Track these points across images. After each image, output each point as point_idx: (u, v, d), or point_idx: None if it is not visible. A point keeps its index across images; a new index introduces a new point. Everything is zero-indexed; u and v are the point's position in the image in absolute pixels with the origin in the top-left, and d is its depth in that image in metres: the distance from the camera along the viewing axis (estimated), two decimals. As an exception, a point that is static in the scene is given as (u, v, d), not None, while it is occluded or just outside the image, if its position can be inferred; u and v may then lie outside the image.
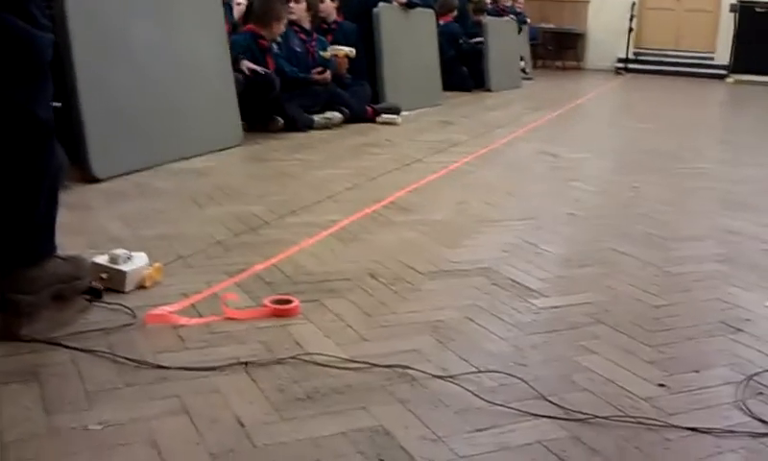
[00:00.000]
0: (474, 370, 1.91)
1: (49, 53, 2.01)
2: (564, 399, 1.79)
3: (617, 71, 15.26)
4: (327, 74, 6.09)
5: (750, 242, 3.32)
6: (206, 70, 4.85)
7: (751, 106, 10.37)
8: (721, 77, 14.48)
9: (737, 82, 14.09)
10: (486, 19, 10.04)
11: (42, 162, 2.02)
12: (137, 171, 3.99)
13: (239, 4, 6.22)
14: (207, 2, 4.95)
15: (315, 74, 6.03)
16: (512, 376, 1.89)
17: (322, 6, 6.61)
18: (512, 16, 11.68)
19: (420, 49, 7.96)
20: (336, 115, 6.04)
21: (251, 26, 5.70)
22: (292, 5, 6.19)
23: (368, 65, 6.86)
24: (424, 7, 8.29)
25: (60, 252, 2.14)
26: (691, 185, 4.56)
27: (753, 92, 12.21)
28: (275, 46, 5.80)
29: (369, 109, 6.42)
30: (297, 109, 5.73)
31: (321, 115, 5.94)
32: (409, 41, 7.64)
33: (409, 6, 7.69)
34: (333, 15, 6.80)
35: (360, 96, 6.51)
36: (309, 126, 5.76)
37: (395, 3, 7.46)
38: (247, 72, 5.38)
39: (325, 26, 6.71)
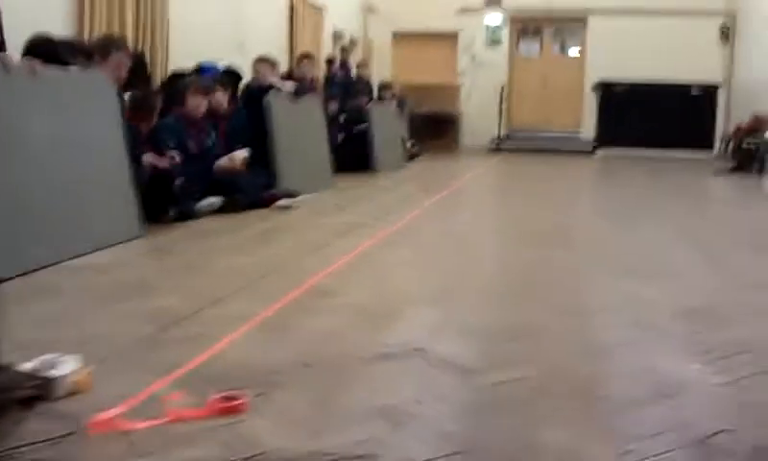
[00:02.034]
0: (433, 455, 1.90)
1: None
2: (529, 475, 1.81)
3: (493, 150, 15.86)
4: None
5: (656, 306, 3.46)
6: (102, 161, 4.72)
7: (617, 177, 11.05)
8: (589, 151, 15.30)
9: (604, 156, 14.92)
10: (370, 105, 10.28)
11: None
12: (37, 270, 3.80)
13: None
14: (102, 91, 4.85)
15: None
16: (469, 453, 1.89)
17: (214, 97, 6.59)
18: (393, 101, 12.01)
19: (311, 135, 8.05)
20: (216, 201, 5.98)
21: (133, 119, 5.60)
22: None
23: (262, 152, 6.87)
24: (312, 93, 8.42)
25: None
26: (584, 255, 4.75)
27: (617, 164, 12.95)
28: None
29: (265, 195, 6.40)
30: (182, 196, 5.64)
31: (201, 202, 5.86)
32: (300, 128, 7.71)
33: (297, 94, 7.79)
34: (225, 105, 6.79)
35: (255, 183, 6.48)
36: (193, 212, 5.68)
37: (283, 92, 7.54)
38: (148, 166, 5.27)
39: (218, 115, 6.68)
